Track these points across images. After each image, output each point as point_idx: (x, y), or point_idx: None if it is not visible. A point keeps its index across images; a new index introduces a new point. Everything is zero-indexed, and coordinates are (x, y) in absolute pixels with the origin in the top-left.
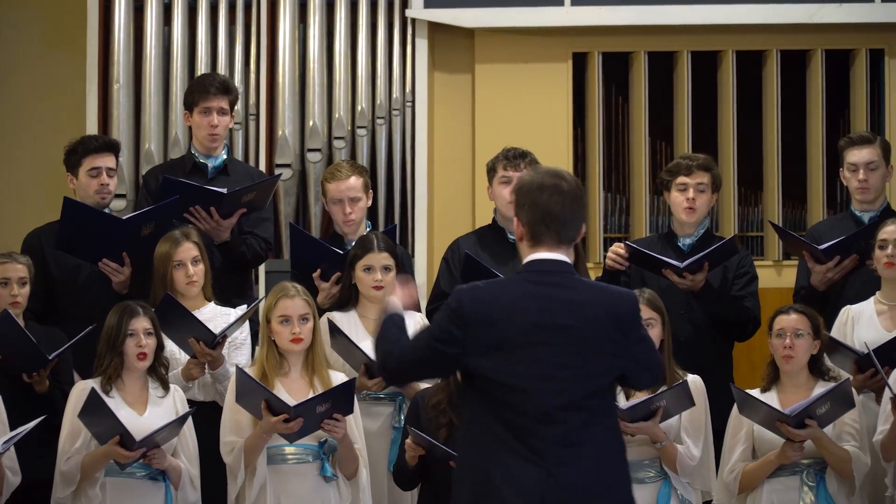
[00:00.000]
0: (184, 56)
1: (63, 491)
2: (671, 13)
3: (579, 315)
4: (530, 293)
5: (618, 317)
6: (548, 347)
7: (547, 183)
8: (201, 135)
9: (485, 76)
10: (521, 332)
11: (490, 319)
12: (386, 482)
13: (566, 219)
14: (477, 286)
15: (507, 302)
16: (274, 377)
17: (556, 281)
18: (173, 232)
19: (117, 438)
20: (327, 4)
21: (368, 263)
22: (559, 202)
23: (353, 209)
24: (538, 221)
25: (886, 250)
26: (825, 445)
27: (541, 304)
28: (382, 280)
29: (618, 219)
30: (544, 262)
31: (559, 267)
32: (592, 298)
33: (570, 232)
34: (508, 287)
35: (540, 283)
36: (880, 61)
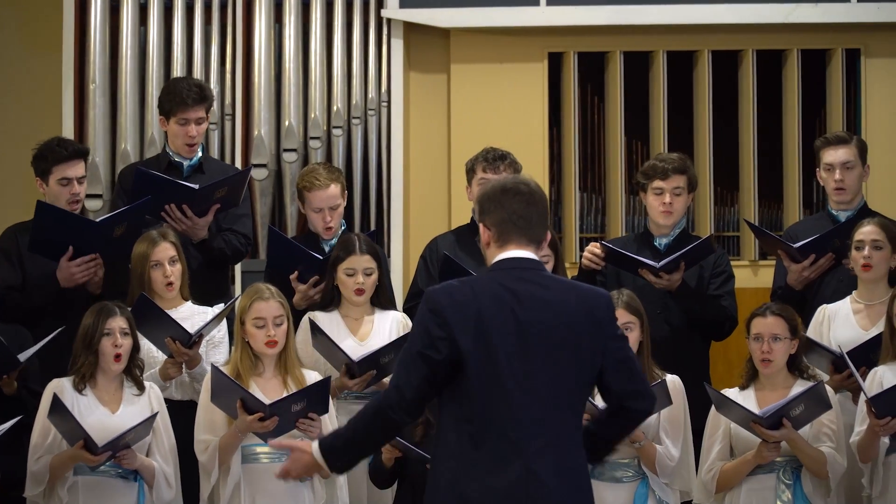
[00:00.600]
0: (159, 56)
1: (33, 490)
2: (647, 13)
3: (555, 311)
4: (504, 290)
5: (593, 314)
6: (523, 344)
7: (509, 185)
8: (178, 143)
9: (460, 76)
10: (497, 329)
11: (466, 317)
12: (364, 481)
13: (533, 217)
14: (451, 284)
15: (481, 299)
16: (248, 377)
17: (529, 277)
18: (150, 232)
19: (82, 443)
20: (303, 4)
21: (350, 266)
22: (524, 201)
23: (332, 217)
24: (505, 221)
25: (863, 251)
26: (800, 447)
27: (515, 301)
28: (364, 283)
29: (593, 218)
30: (515, 259)
31: (531, 264)
32: (567, 295)
33: (537, 230)
34: (482, 284)
35: (513, 280)
36: (856, 61)
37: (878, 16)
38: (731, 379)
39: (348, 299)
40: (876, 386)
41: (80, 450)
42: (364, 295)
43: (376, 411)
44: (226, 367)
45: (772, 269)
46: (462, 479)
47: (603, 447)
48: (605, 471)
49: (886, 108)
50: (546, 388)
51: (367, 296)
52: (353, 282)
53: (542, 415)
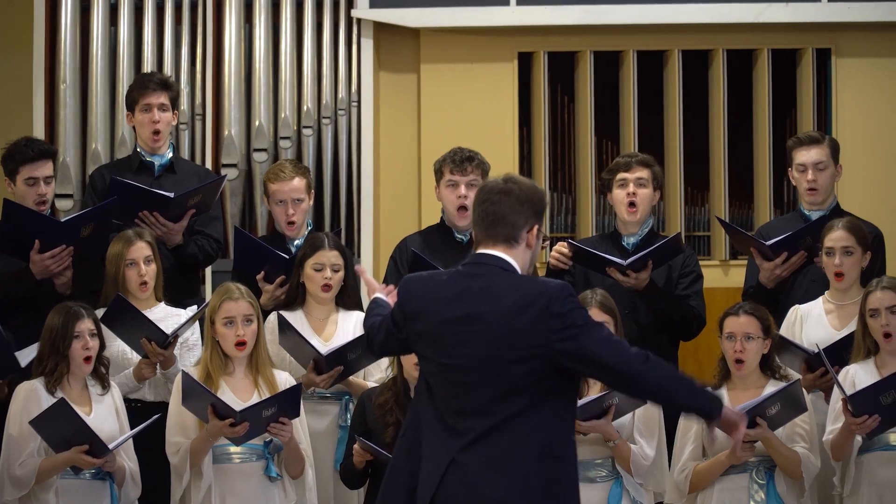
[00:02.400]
0: (130, 56)
1: (14, 494)
2: (617, 13)
3: (494, 304)
4: (454, 288)
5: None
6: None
7: (494, 187)
8: (144, 133)
9: (430, 76)
10: (441, 322)
11: (418, 309)
12: (332, 481)
13: (496, 216)
14: (416, 276)
15: (435, 292)
16: (219, 378)
17: (482, 272)
18: (126, 231)
19: (84, 447)
20: (273, 4)
21: (319, 261)
22: (497, 201)
23: (295, 210)
24: (477, 222)
25: (834, 258)
26: (774, 446)
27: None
28: (331, 279)
29: (564, 218)
30: (478, 255)
31: (491, 260)
32: (511, 288)
33: (499, 229)
34: (440, 279)
35: (467, 275)
36: (827, 61)
37: (848, 15)
38: (702, 379)
39: (314, 296)
40: (848, 384)
41: (81, 454)
42: (330, 292)
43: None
44: (196, 367)
45: (743, 269)
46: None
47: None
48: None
49: (857, 108)
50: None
51: (333, 293)
52: (321, 277)
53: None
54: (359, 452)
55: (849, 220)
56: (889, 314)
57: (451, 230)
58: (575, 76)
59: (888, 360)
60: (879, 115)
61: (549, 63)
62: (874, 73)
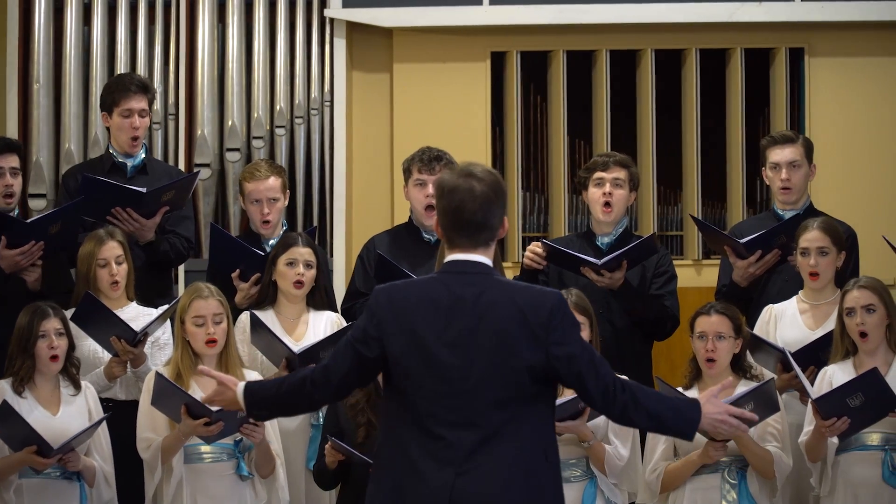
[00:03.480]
0: (103, 56)
1: None
2: (590, 12)
3: (491, 316)
4: (443, 294)
5: (533, 317)
6: (461, 351)
7: (459, 186)
8: (122, 138)
9: (403, 76)
10: (432, 334)
11: (402, 320)
12: (303, 480)
13: (478, 222)
14: (394, 286)
15: (419, 302)
16: (189, 377)
17: (472, 281)
18: (98, 231)
19: (34, 448)
20: (246, 4)
21: (291, 257)
22: (471, 207)
23: (270, 209)
24: (450, 227)
25: (808, 259)
26: (747, 445)
27: (452, 305)
28: (304, 275)
29: (536, 218)
30: (460, 262)
31: (475, 268)
32: (507, 298)
33: (482, 234)
34: (423, 287)
35: (454, 284)
36: (800, 60)
37: (821, 14)
38: (674, 379)
39: (286, 293)
40: (826, 385)
41: (31, 454)
42: (302, 289)
43: (302, 382)
44: (166, 366)
45: (715, 269)
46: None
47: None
48: None
49: (830, 107)
50: (482, 392)
51: (305, 290)
52: (294, 273)
53: (478, 420)
54: (331, 453)
55: (824, 221)
56: (865, 313)
57: (418, 230)
58: (548, 76)
59: (866, 360)
60: (852, 115)
61: (522, 62)
62: (847, 72)
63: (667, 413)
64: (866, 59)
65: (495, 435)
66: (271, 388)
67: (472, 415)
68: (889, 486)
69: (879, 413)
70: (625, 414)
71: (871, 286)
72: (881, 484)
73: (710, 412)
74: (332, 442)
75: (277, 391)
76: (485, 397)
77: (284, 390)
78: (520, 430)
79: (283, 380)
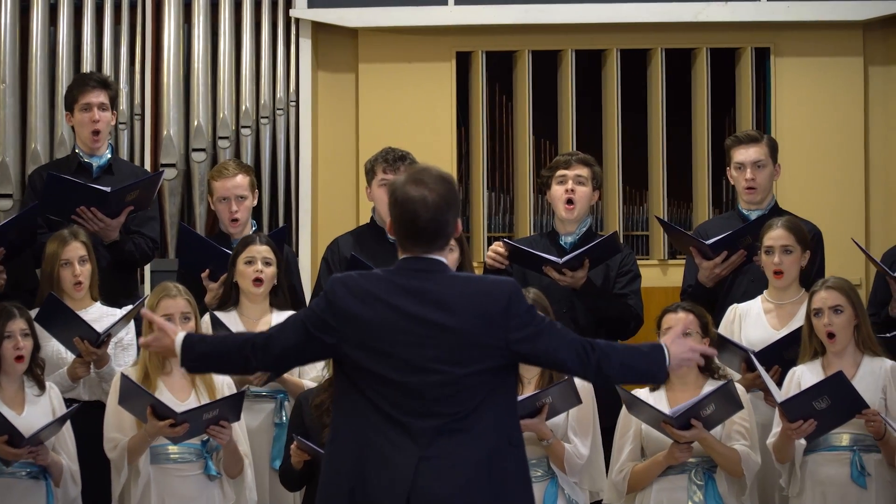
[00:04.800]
0: (69, 56)
1: None
2: (555, 12)
3: (449, 308)
4: (402, 288)
5: (491, 306)
6: (420, 341)
7: (411, 196)
8: (84, 133)
9: (368, 76)
10: (393, 327)
11: (363, 313)
12: (268, 480)
13: (431, 231)
14: (351, 277)
15: (379, 296)
16: (157, 377)
17: (429, 276)
18: (62, 231)
19: (4, 438)
20: (212, 4)
21: (249, 255)
22: (424, 217)
23: (239, 207)
24: (403, 235)
25: (773, 257)
26: (712, 446)
27: (412, 299)
28: (263, 272)
29: (501, 218)
30: (416, 259)
31: (432, 265)
32: (464, 291)
33: (437, 242)
34: (382, 281)
35: (412, 279)
36: (766, 60)
37: (787, 14)
38: None
39: (247, 292)
40: (794, 386)
41: (2, 444)
42: (262, 286)
43: (243, 344)
44: (134, 366)
45: (681, 269)
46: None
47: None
48: None
49: (796, 107)
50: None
51: (265, 288)
52: (252, 270)
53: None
54: (296, 453)
55: (788, 220)
56: (833, 314)
57: (382, 230)
58: (513, 75)
59: (834, 360)
60: (818, 115)
61: (488, 62)
62: (813, 72)
63: (638, 361)
64: (832, 59)
65: (458, 423)
66: (210, 344)
67: (433, 404)
68: (857, 486)
69: (846, 415)
70: (600, 372)
71: (839, 287)
72: (849, 484)
73: (677, 352)
74: (299, 441)
75: (215, 348)
76: (446, 386)
77: (223, 348)
78: (482, 418)
79: (226, 338)
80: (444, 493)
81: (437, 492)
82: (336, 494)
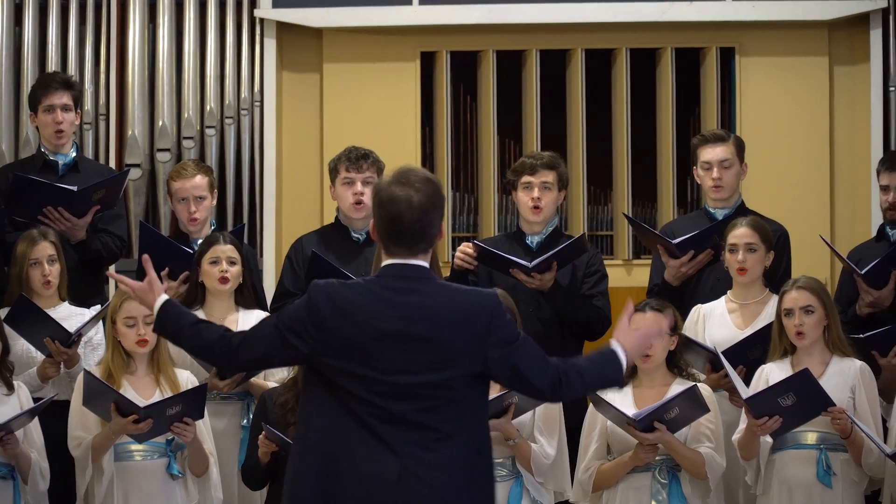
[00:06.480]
0: (34, 56)
1: None
2: (520, 12)
3: (434, 321)
4: (386, 299)
5: (473, 319)
6: (402, 353)
7: (397, 196)
8: (47, 133)
9: (333, 76)
10: (376, 338)
11: (345, 323)
12: (235, 481)
13: (416, 232)
14: (333, 285)
15: (362, 307)
16: (121, 376)
17: (413, 287)
18: (31, 231)
19: None
20: (176, 4)
21: (214, 255)
22: (409, 218)
23: (197, 207)
24: (387, 237)
25: (737, 255)
26: (676, 449)
27: (396, 311)
28: (228, 272)
29: (466, 218)
30: (398, 266)
31: (416, 272)
32: (446, 301)
33: (421, 244)
34: (365, 291)
35: (396, 290)
36: (731, 59)
37: (752, 14)
38: None
39: (213, 290)
40: (762, 383)
41: None
42: (228, 285)
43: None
44: (98, 367)
45: (646, 269)
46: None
47: None
48: None
49: (761, 107)
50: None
51: (231, 286)
52: (217, 270)
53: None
54: (265, 443)
55: (752, 219)
56: (803, 314)
57: (347, 229)
58: (477, 75)
59: (804, 359)
60: (783, 114)
61: (452, 62)
62: (778, 71)
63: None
64: (797, 59)
65: (432, 433)
66: (186, 320)
67: (409, 413)
68: (823, 485)
69: (811, 413)
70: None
71: (810, 287)
72: (815, 483)
73: (630, 345)
74: (267, 431)
75: (190, 328)
76: (424, 397)
77: (195, 331)
78: (456, 428)
79: (202, 329)
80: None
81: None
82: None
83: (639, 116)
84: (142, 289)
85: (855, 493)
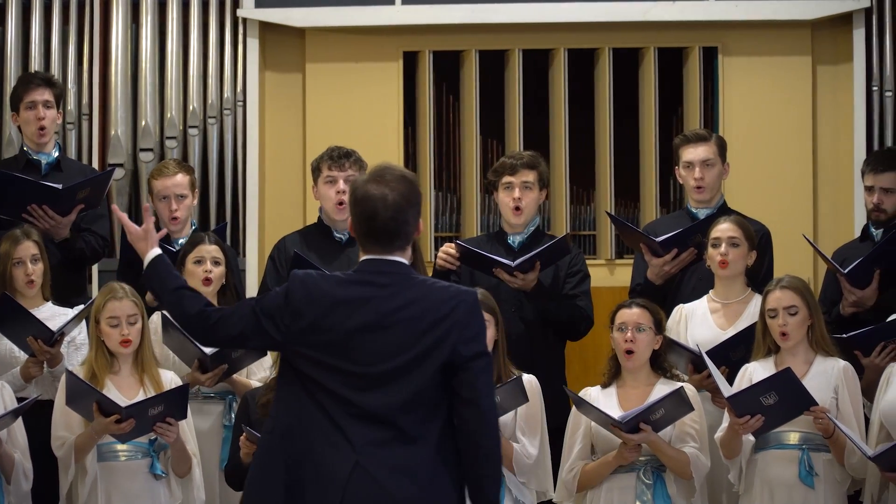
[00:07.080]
0: (17, 55)
1: None
2: (502, 11)
3: (407, 314)
4: (360, 294)
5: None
6: (377, 345)
7: (371, 194)
8: (29, 130)
9: (315, 76)
10: (352, 330)
11: (321, 314)
12: (217, 481)
13: (391, 230)
14: (312, 277)
15: (340, 299)
16: (104, 376)
17: (386, 280)
18: (14, 230)
19: None
20: (159, 4)
21: (198, 255)
22: (383, 216)
23: (178, 206)
24: (363, 235)
25: (720, 248)
26: (661, 449)
27: (373, 305)
28: (212, 272)
29: (449, 218)
30: (376, 261)
31: (393, 268)
32: (423, 297)
33: (396, 241)
34: (341, 285)
35: (371, 284)
36: (714, 59)
37: (735, 14)
38: (587, 379)
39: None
40: (746, 382)
41: None
42: (212, 286)
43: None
44: (81, 367)
45: (628, 268)
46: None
47: None
48: None
49: (744, 107)
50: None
51: (214, 287)
52: (202, 270)
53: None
54: (246, 444)
55: (736, 217)
56: (787, 315)
57: (329, 229)
58: (460, 75)
59: (787, 358)
60: (766, 114)
61: (435, 62)
62: (761, 71)
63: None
64: (780, 59)
65: (402, 431)
66: (171, 283)
67: (380, 410)
68: (805, 485)
69: (793, 412)
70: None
71: (794, 287)
72: (797, 483)
73: None
74: (247, 432)
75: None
76: (396, 393)
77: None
78: (428, 428)
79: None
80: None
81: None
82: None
83: (621, 116)
84: (137, 234)
85: (837, 494)
